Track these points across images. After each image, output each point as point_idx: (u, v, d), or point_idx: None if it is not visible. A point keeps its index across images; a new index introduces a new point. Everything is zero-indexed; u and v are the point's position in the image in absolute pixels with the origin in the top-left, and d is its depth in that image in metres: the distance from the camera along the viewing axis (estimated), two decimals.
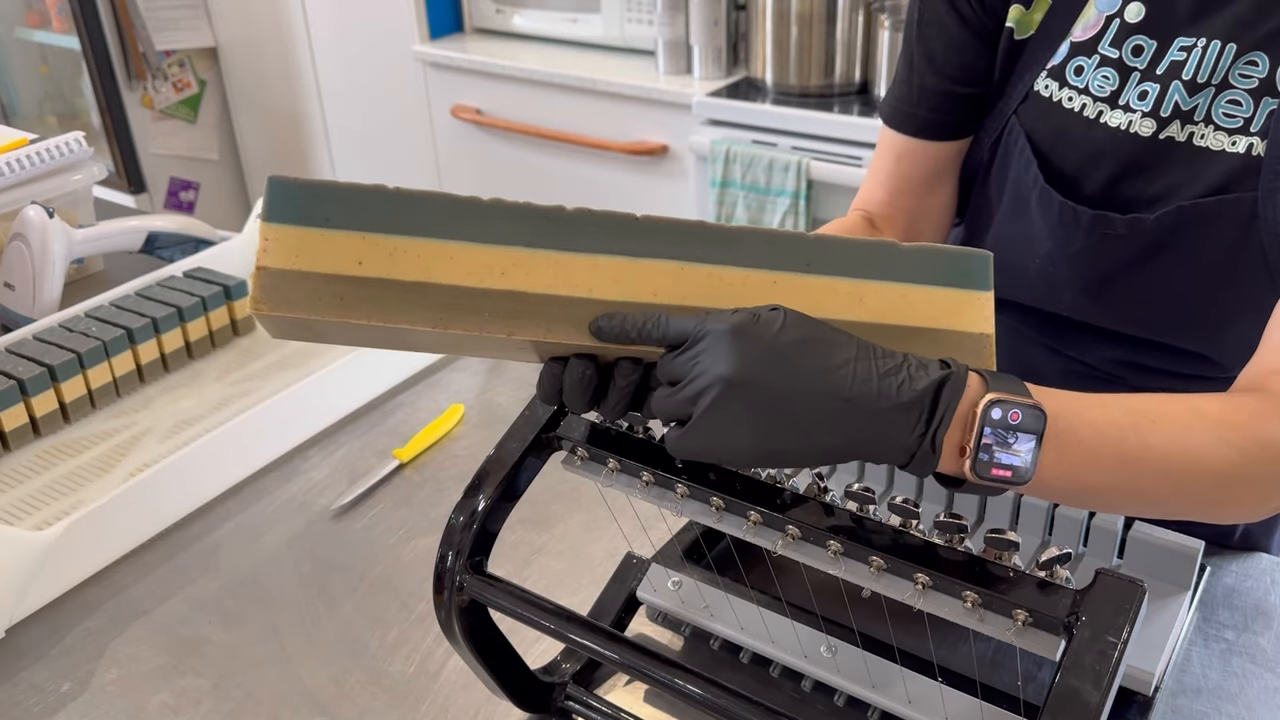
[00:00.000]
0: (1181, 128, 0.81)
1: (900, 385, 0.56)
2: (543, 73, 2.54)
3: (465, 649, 0.74)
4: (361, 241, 0.61)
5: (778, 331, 0.57)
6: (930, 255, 0.64)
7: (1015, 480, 0.57)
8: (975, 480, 0.57)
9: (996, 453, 0.56)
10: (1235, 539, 0.98)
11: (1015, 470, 0.57)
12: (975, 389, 0.57)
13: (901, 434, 0.56)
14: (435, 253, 0.61)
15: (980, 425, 0.56)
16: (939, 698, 0.72)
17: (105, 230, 1.43)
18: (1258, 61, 0.78)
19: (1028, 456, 0.57)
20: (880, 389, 0.56)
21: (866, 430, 0.56)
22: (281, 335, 0.65)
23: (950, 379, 0.57)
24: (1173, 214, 0.82)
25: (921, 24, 0.92)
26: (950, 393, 0.56)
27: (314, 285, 0.60)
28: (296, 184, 0.61)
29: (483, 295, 0.61)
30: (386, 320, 0.60)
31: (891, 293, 0.64)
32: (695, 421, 0.57)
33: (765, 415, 0.56)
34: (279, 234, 0.61)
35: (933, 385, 0.56)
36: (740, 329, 0.56)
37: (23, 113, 3.47)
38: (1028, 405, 0.56)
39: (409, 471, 1.11)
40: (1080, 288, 0.89)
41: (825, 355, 0.57)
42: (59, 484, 1.08)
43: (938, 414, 0.56)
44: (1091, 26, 0.85)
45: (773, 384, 0.56)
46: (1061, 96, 0.86)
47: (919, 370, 0.57)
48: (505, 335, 0.61)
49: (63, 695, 0.86)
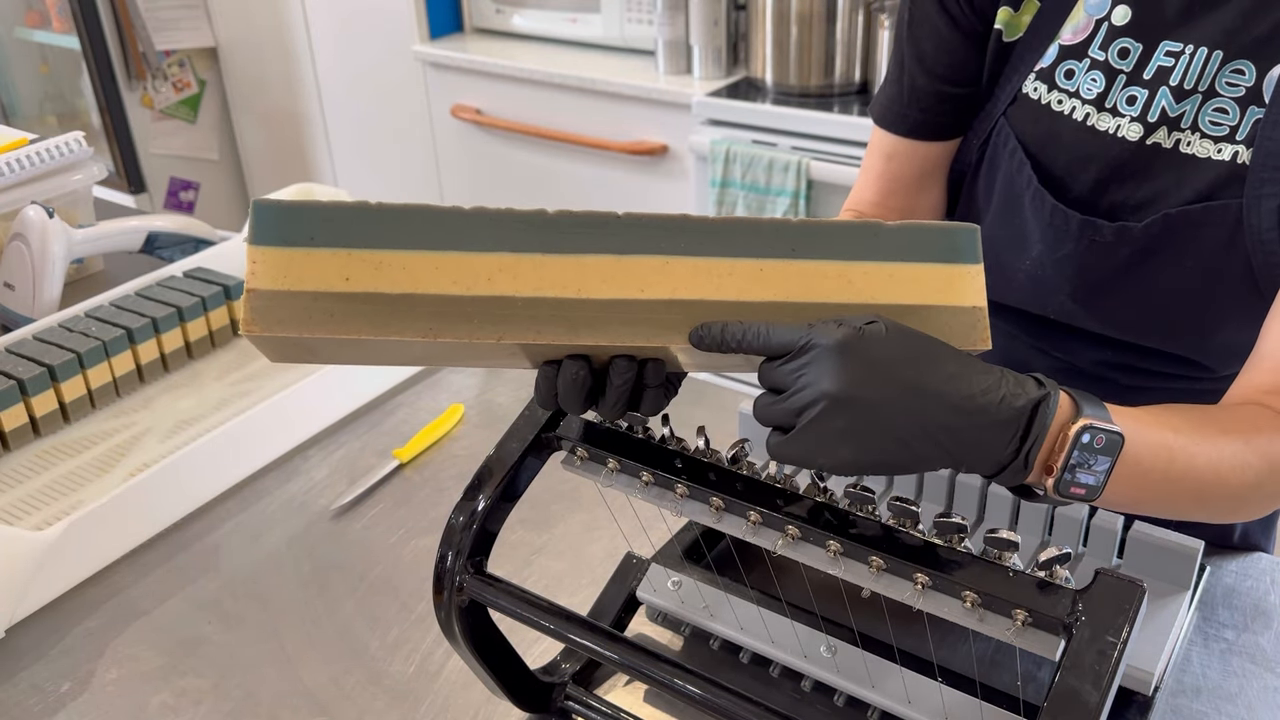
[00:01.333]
0: (1169, 134, 0.81)
1: (1001, 402, 0.58)
2: (543, 73, 2.54)
3: (465, 649, 0.74)
4: (347, 258, 0.61)
5: (881, 345, 0.58)
6: (916, 232, 0.65)
7: (1086, 498, 0.60)
8: (1055, 497, 0.60)
9: (1079, 473, 0.59)
10: (1235, 539, 0.99)
11: (1089, 489, 0.60)
12: (1065, 410, 0.60)
13: (997, 449, 0.58)
14: (421, 264, 0.61)
15: (1071, 448, 0.59)
16: (939, 697, 0.72)
17: (105, 230, 1.43)
18: (1244, 70, 0.78)
19: (1102, 477, 0.60)
20: (982, 405, 0.58)
21: (965, 445, 0.58)
22: (278, 358, 0.65)
23: (1046, 400, 0.59)
24: (1160, 222, 0.82)
25: (912, 24, 0.92)
26: (1045, 413, 0.58)
27: (304, 304, 0.61)
28: (280, 205, 0.61)
29: (470, 302, 0.61)
30: (377, 333, 0.61)
31: (880, 273, 0.64)
32: (800, 432, 0.58)
33: (869, 430, 0.57)
34: (266, 256, 0.61)
35: (1030, 404, 0.58)
36: (846, 345, 0.57)
37: (23, 113, 3.47)
38: (1112, 432, 0.59)
39: (409, 471, 1.11)
40: (1068, 292, 0.89)
41: (928, 372, 0.58)
42: (59, 484, 1.08)
43: (1032, 433, 0.58)
44: (1082, 30, 0.85)
45: (878, 401, 0.57)
46: (1051, 99, 0.87)
47: (1017, 387, 0.59)
48: (495, 340, 0.61)
49: (62, 695, 0.86)
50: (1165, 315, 0.87)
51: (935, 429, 0.58)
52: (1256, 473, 0.68)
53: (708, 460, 0.67)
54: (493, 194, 2.84)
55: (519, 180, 2.75)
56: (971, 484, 0.86)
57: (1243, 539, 0.99)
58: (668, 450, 0.69)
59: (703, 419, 0.87)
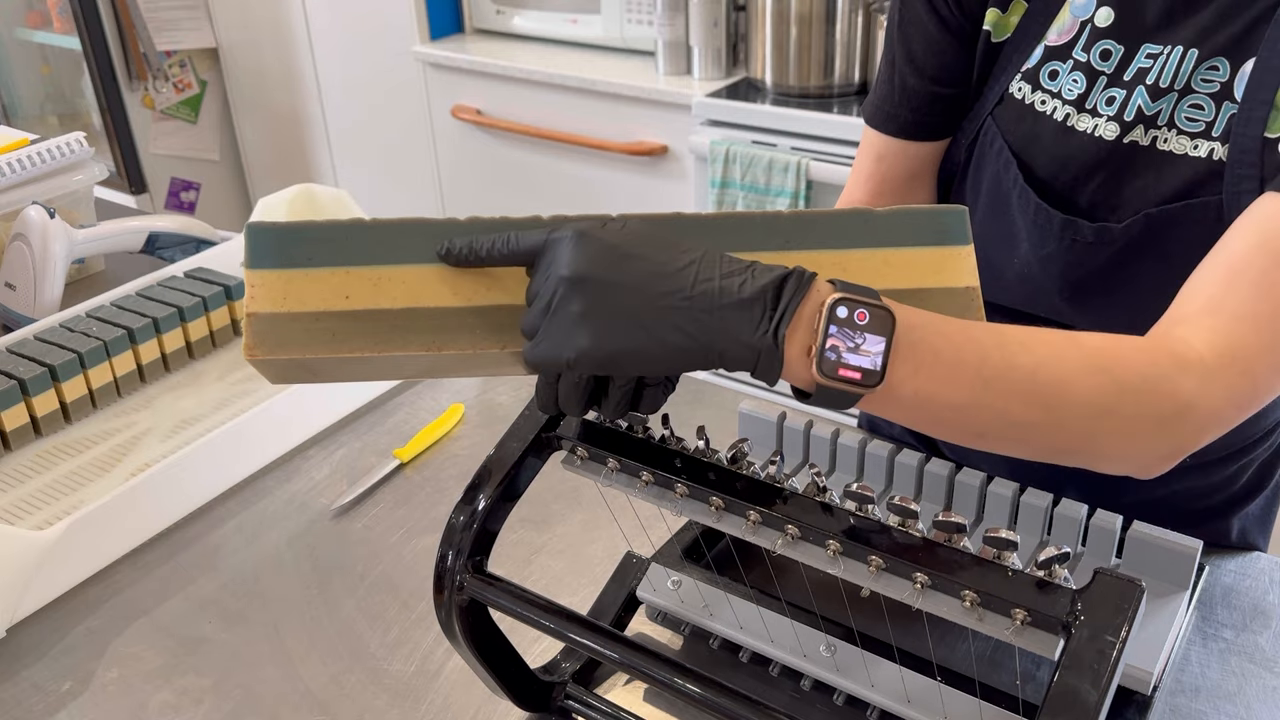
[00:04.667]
0: (1145, 132, 0.82)
1: (742, 284, 0.56)
2: (543, 73, 2.54)
3: (465, 648, 0.74)
4: (346, 276, 0.61)
5: (620, 232, 0.58)
6: (906, 217, 0.65)
7: (864, 383, 0.57)
8: (822, 381, 0.56)
9: (844, 354, 0.56)
10: (1232, 537, 0.99)
11: (864, 372, 0.56)
12: (822, 290, 0.57)
13: (745, 331, 0.56)
14: (419, 277, 0.62)
15: (826, 323, 0.56)
16: (938, 697, 0.72)
17: (106, 230, 1.43)
18: (1219, 67, 0.79)
19: (878, 359, 0.56)
20: (722, 288, 0.56)
21: (709, 329, 0.56)
22: (280, 380, 0.64)
23: (791, 275, 0.57)
24: (1140, 221, 0.82)
25: (902, 25, 0.93)
26: (792, 288, 0.56)
27: (305, 325, 0.60)
28: (275, 228, 0.61)
29: (472, 313, 0.61)
30: (381, 349, 0.61)
31: (873, 259, 0.65)
32: (543, 329, 0.57)
33: (605, 312, 0.56)
34: (264, 279, 0.61)
35: (774, 281, 0.57)
36: (584, 232, 0.57)
37: (24, 113, 3.47)
38: (875, 306, 0.56)
39: (409, 471, 1.11)
40: (1055, 290, 0.90)
41: (669, 257, 0.57)
42: (60, 484, 1.08)
43: (779, 309, 0.56)
44: (1067, 31, 0.86)
45: (612, 279, 0.56)
46: (1034, 100, 0.87)
47: (763, 271, 0.57)
48: (499, 349, 0.61)
49: (63, 694, 0.86)
50: (1150, 313, 0.87)
51: (676, 312, 0.56)
52: (1112, 379, 0.62)
53: (707, 460, 0.68)
54: (493, 195, 2.84)
55: (519, 181, 2.76)
56: (971, 484, 0.86)
57: (1240, 537, 0.99)
58: (668, 450, 0.69)
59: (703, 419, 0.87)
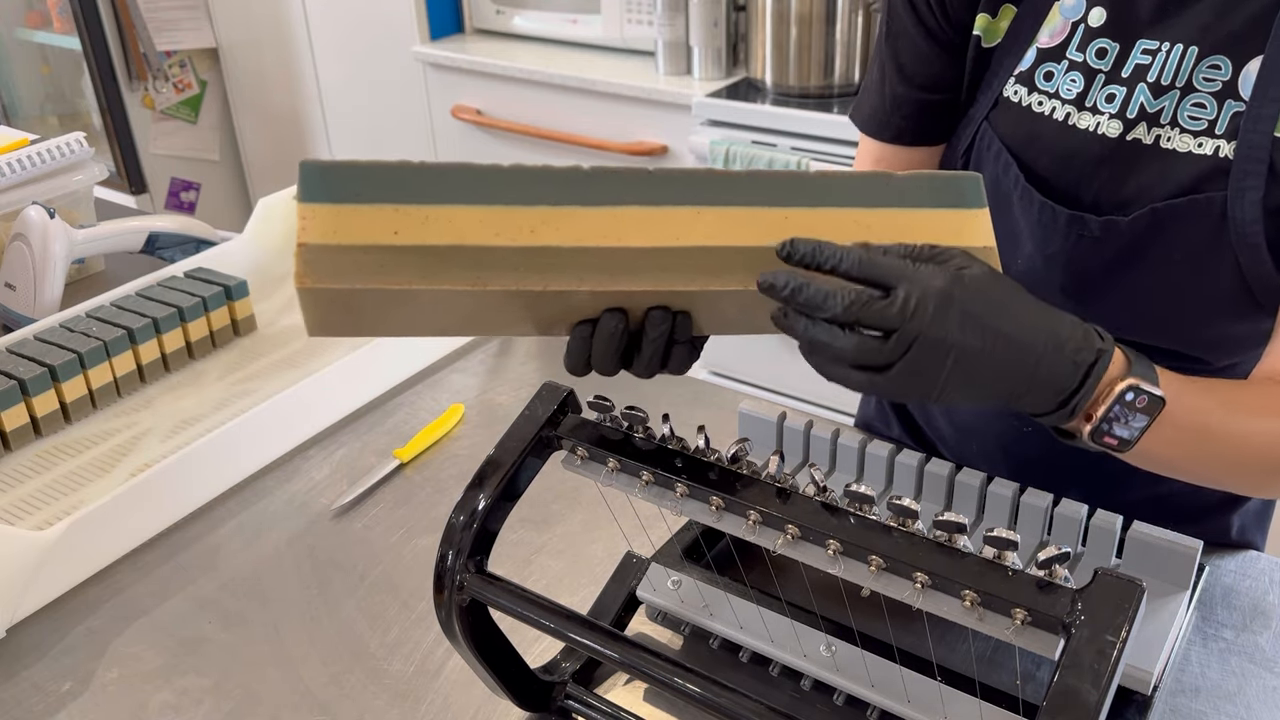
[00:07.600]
0: (1148, 130, 0.82)
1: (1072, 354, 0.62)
2: (543, 73, 2.54)
3: (465, 648, 0.74)
4: (394, 213, 0.63)
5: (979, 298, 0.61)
6: (925, 181, 0.69)
7: (1118, 450, 0.65)
8: (1086, 443, 0.65)
9: (1115, 426, 0.64)
10: (1232, 535, 0.99)
11: (1121, 441, 0.65)
12: (1117, 366, 0.64)
13: (1051, 397, 0.63)
14: (466, 217, 0.64)
15: (1113, 403, 0.63)
16: (938, 697, 0.72)
17: (106, 230, 1.43)
18: (1220, 65, 0.79)
19: (1137, 433, 0.64)
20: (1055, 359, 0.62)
21: (1029, 391, 0.63)
22: (320, 328, 0.66)
23: (1102, 358, 0.63)
24: (1146, 215, 0.83)
25: (890, 37, 0.94)
26: (1100, 370, 0.63)
27: (354, 257, 0.62)
28: (326, 165, 0.63)
29: (515, 252, 0.64)
30: (427, 283, 0.62)
31: (897, 218, 0.68)
32: (900, 369, 0.61)
33: (960, 372, 0.61)
34: (315, 212, 0.63)
35: (1091, 360, 0.63)
36: (948, 293, 0.60)
37: (24, 113, 3.47)
38: (1155, 395, 0.64)
39: (409, 471, 1.11)
40: (1060, 287, 0.90)
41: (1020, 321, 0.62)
42: (60, 484, 1.08)
43: (1086, 386, 0.63)
44: (1059, 33, 0.86)
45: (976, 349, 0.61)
46: (1031, 101, 0.87)
47: (1085, 340, 0.63)
48: (541, 288, 0.63)
49: (63, 695, 0.86)
50: (1156, 309, 0.88)
51: (1016, 377, 0.62)
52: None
53: (708, 460, 0.68)
54: None
55: None
56: (971, 484, 0.86)
57: (1240, 533, 0.99)
58: (668, 450, 0.69)
59: (703, 419, 0.88)
